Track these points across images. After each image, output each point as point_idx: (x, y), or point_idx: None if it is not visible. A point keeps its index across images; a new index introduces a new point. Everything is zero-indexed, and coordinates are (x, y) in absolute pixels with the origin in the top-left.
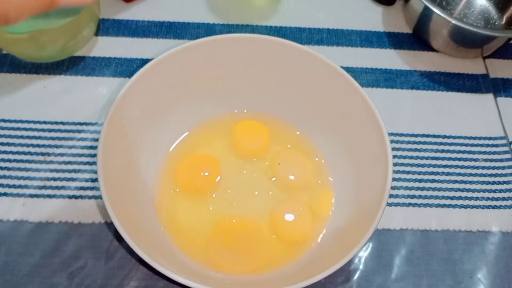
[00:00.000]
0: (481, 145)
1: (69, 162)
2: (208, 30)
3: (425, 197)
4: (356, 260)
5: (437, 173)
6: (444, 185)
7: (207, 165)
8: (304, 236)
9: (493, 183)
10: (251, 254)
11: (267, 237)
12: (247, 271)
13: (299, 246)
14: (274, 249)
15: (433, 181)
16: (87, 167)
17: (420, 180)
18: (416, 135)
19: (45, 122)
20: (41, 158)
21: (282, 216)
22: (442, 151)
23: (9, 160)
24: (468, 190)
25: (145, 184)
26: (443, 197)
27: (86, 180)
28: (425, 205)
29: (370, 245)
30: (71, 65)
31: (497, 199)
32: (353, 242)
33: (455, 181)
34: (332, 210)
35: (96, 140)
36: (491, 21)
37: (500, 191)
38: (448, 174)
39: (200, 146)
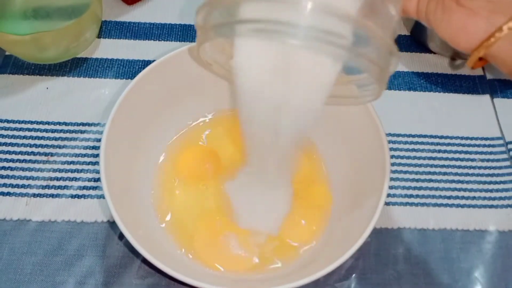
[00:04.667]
0: (478, 146)
1: (72, 162)
2: None
3: (423, 196)
4: (354, 259)
5: (434, 173)
6: (442, 185)
7: (209, 157)
8: (301, 239)
9: (490, 183)
10: (233, 255)
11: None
12: (232, 269)
13: (294, 250)
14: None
15: (430, 180)
16: (90, 167)
17: (417, 180)
18: (414, 136)
19: (48, 123)
20: (44, 158)
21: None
22: (439, 151)
23: (12, 160)
24: (465, 190)
25: (146, 183)
26: (441, 197)
27: (89, 180)
28: (423, 204)
29: (368, 243)
30: (73, 66)
31: (494, 198)
32: (351, 241)
33: (452, 181)
34: (330, 209)
35: (99, 140)
36: None
37: (497, 190)
38: (445, 174)
39: (200, 142)
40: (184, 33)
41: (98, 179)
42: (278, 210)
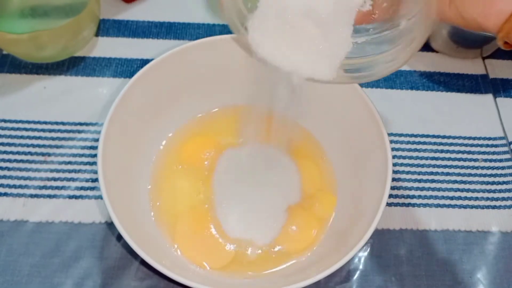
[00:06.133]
0: (481, 145)
1: (70, 162)
2: (208, 30)
3: (425, 197)
4: (356, 260)
5: (436, 173)
6: (444, 185)
7: (211, 145)
8: (298, 248)
9: (493, 183)
10: (214, 251)
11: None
12: (210, 264)
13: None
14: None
15: (432, 181)
16: (88, 167)
17: (419, 180)
18: (416, 136)
19: (45, 122)
20: (41, 158)
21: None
22: (442, 151)
23: (9, 160)
24: (467, 190)
25: (144, 183)
26: (443, 197)
27: (87, 180)
28: (425, 205)
29: (370, 245)
30: (71, 65)
31: (497, 199)
32: (353, 242)
33: (455, 181)
34: (333, 212)
35: (97, 140)
36: None
37: (500, 191)
38: (447, 174)
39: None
40: (182, 31)
41: (95, 180)
42: (273, 221)
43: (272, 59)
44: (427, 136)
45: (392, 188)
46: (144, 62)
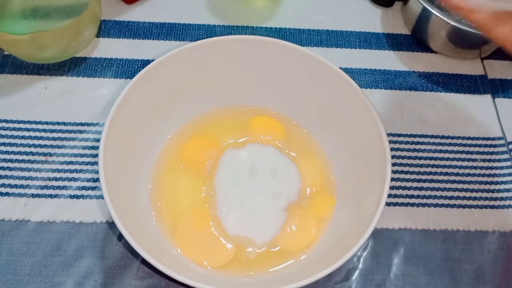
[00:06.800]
0: (479, 146)
1: (71, 162)
2: (208, 31)
3: (424, 197)
4: (355, 259)
5: (435, 173)
6: (443, 185)
7: (211, 145)
8: (297, 248)
9: (491, 183)
10: (214, 250)
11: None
12: (210, 264)
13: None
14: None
15: (431, 181)
16: (89, 167)
17: (418, 180)
18: (415, 136)
19: (46, 123)
20: (42, 158)
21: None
22: (441, 151)
23: (11, 160)
24: (466, 190)
25: (145, 182)
26: (442, 197)
27: (88, 180)
28: (424, 205)
29: (369, 244)
30: (72, 66)
31: (495, 199)
32: (352, 242)
33: (454, 181)
34: (332, 211)
35: (98, 140)
36: None
37: (498, 191)
38: (446, 174)
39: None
40: (183, 32)
41: (97, 179)
42: (273, 220)
43: None
44: (426, 136)
45: (391, 188)
46: (145, 62)
